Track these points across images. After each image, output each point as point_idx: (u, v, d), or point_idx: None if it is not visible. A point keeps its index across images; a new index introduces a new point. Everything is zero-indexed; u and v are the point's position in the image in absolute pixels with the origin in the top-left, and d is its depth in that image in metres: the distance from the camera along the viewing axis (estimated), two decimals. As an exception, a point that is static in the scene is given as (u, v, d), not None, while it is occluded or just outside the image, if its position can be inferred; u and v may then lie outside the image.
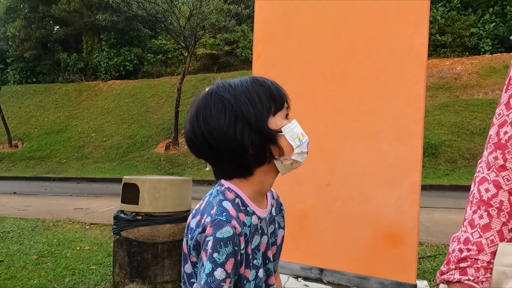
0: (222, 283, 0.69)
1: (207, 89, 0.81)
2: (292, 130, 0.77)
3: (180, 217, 2.72)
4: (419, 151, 2.14)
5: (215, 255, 0.69)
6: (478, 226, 0.71)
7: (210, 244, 0.69)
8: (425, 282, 2.51)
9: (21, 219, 5.21)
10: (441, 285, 0.79)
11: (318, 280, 2.35)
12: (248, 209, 0.78)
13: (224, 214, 0.72)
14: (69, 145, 14.31)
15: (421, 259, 3.30)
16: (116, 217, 2.73)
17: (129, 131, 14.22)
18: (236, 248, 0.71)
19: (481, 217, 0.71)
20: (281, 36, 2.51)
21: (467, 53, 13.95)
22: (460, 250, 0.71)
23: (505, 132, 0.72)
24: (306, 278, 2.38)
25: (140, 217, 2.64)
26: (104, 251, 3.67)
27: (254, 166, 0.77)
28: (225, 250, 0.69)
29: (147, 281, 2.62)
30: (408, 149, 2.15)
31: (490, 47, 13.59)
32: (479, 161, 0.77)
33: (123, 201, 2.77)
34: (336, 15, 2.34)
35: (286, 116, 0.78)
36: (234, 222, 0.71)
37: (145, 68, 18.09)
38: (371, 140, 2.23)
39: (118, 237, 2.71)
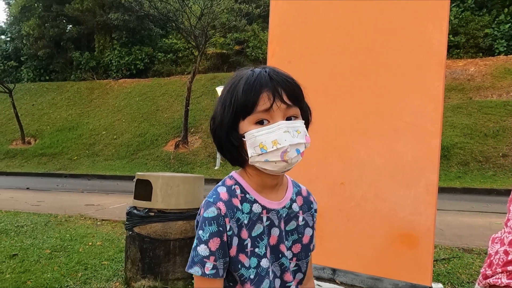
0: (205, 259, 0.75)
1: None
2: (254, 138, 0.74)
3: (192, 214, 2.72)
4: (436, 151, 2.10)
5: (200, 232, 0.76)
6: None
7: (199, 223, 0.77)
8: (440, 285, 2.47)
9: (34, 214, 5.28)
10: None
11: (331, 280, 2.33)
12: (247, 196, 0.81)
13: (214, 196, 0.79)
14: (80, 142, 14.50)
15: (435, 262, 3.25)
16: (128, 213, 2.74)
17: (139, 129, 14.34)
18: (221, 228, 0.76)
19: None
20: (296, 33, 2.49)
21: (481, 54, 13.71)
22: (506, 252, 0.67)
23: None
24: (318, 278, 2.36)
25: (152, 214, 2.64)
26: (115, 247, 3.69)
27: (241, 160, 0.80)
28: (209, 228, 0.75)
29: (158, 277, 2.63)
30: (425, 149, 2.11)
31: (505, 48, 13.34)
32: None
33: (136, 197, 2.78)
34: (353, 12, 2.31)
35: (263, 122, 0.75)
36: (219, 204, 0.77)
37: (156, 67, 18.23)
38: (387, 138, 2.19)
39: (130, 233, 2.72)
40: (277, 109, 0.74)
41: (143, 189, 2.71)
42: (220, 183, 0.84)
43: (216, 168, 11.28)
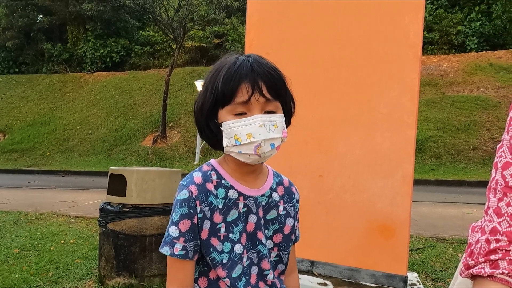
0: (174, 240, 0.76)
1: None
2: (230, 128, 0.75)
3: (169, 209, 2.64)
4: (412, 143, 2.12)
5: (173, 214, 0.78)
6: (506, 214, 0.65)
7: (173, 205, 0.79)
8: (415, 274, 2.52)
9: (2, 212, 5.04)
10: (460, 278, 0.73)
11: (309, 273, 2.33)
12: (223, 182, 0.81)
13: (187, 180, 0.80)
14: (53, 137, 13.98)
15: (410, 252, 3.32)
16: (102, 209, 2.65)
17: (116, 124, 13.97)
18: (192, 211, 0.77)
19: (508, 204, 0.65)
20: (274, 24, 2.45)
21: (454, 50, 14.16)
22: (488, 241, 0.65)
23: None
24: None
25: (127, 209, 2.56)
26: (89, 245, 3.57)
27: (220, 146, 0.80)
28: (180, 210, 0.77)
29: (134, 274, 2.55)
30: (401, 140, 2.13)
31: (476, 45, 13.83)
32: (499, 145, 0.72)
33: (109, 193, 2.68)
34: (332, 3, 2.29)
35: (242, 114, 0.74)
36: (191, 187, 0.78)
37: (132, 60, 17.76)
38: (365, 130, 2.20)
39: (104, 229, 2.62)
40: (255, 102, 0.74)
41: (118, 185, 2.62)
42: (197, 168, 0.84)
43: (195, 163, 11.15)
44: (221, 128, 0.76)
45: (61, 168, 11.59)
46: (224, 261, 0.79)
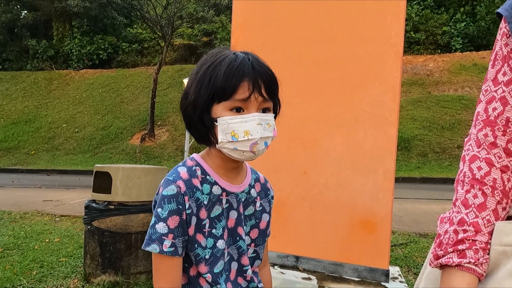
0: (163, 237, 0.74)
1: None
2: (227, 124, 0.74)
3: (155, 207, 2.65)
4: (394, 140, 2.17)
5: (159, 210, 0.75)
6: (473, 205, 0.67)
7: (158, 201, 0.76)
8: (397, 268, 2.58)
9: (-15, 211, 4.95)
10: (429, 268, 0.75)
11: (294, 268, 2.37)
12: (208, 177, 0.81)
13: (174, 175, 0.78)
14: (39, 136, 13.71)
15: (393, 247, 3.40)
16: (87, 207, 2.63)
17: (103, 122, 13.78)
18: (181, 207, 0.75)
19: (475, 196, 0.68)
20: (260, 22, 2.47)
21: (439, 50, 14.41)
22: (456, 232, 0.67)
23: (494, 109, 0.69)
24: (282, 266, 2.39)
25: (112, 207, 2.55)
26: (75, 243, 3.54)
27: (208, 140, 0.80)
28: (168, 206, 0.74)
29: (120, 272, 2.55)
30: (383, 137, 2.18)
31: (461, 46, 14.10)
32: (466, 139, 0.75)
33: (95, 191, 2.67)
34: (316, 3, 2.32)
35: (239, 110, 0.75)
36: (179, 182, 0.76)
37: (120, 58, 17.53)
38: (348, 127, 2.24)
39: (89, 227, 2.61)
40: (254, 100, 0.75)
41: (104, 182, 2.60)
42: (180, 163, 0.83)
43: (183, 161, 11.09)
44: (216, 124, 0.75)
45: (47, 167, 11.38)
46: (207, 256, 0.79)
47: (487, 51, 13.48)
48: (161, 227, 0.75)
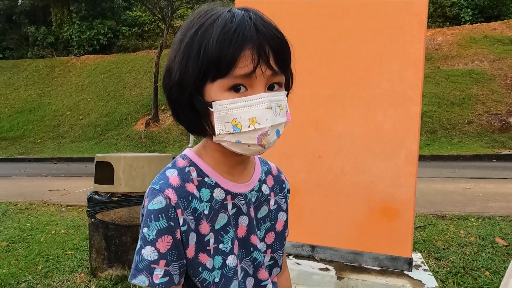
0: (152, 265, 0.57)
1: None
2: (226, 110, 0.55)
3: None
4: (417, 119, 1.99)
5: (145, 230, 0.58)
6: None
7: (143, 218, 0.59)
8: (419, 255, 2.44)
9: (-9, 203, 4.90)
10: None
11: (310, 258, 2.24)
12: (206, 179, 0.63)
13: (160, 182, 0.60)
14: (43, 124, 13.67)
15: (410, 230, 3.25)
16: (89, 199, 2.51)
17: (107, 108, 13.66)
18: (172, 223, 0.58)
19: None
20: (266, -6, 2.25)
21: (448, 23, 13.89)
22: None
23: None
24: (297, 256, 2.26)
25: (116, 198, 2.43)
26: (81, 234, 3.46)
27: (202, 130, 0.62)
28: (156, 224, 0.57)
29: (127, 265, 2.45)
30: (405, 117, 1.99)
31: (470, 17, 13.56)
32: None
33: (97, 182, 2.54)
34: (327, -31, 2.09)
35: (240, 89, 0.55)
36: (168, 192, 0.58)
37: (120, 42, 17.22)
38: (365, 107, 2.06)
39: (93, 220, 2.50)
40: (260, 75, 0.55)
41: (105, 172, 2.47)
42: (169, 164, 0.65)
43: (189, 145, 11.00)
44: (211, 109, 0.56)
45: (53, 155, 11.38)
46: (217, 279, 0.62)
47: (498, 22, 12.95)
48: (148, 253, 0.57)
